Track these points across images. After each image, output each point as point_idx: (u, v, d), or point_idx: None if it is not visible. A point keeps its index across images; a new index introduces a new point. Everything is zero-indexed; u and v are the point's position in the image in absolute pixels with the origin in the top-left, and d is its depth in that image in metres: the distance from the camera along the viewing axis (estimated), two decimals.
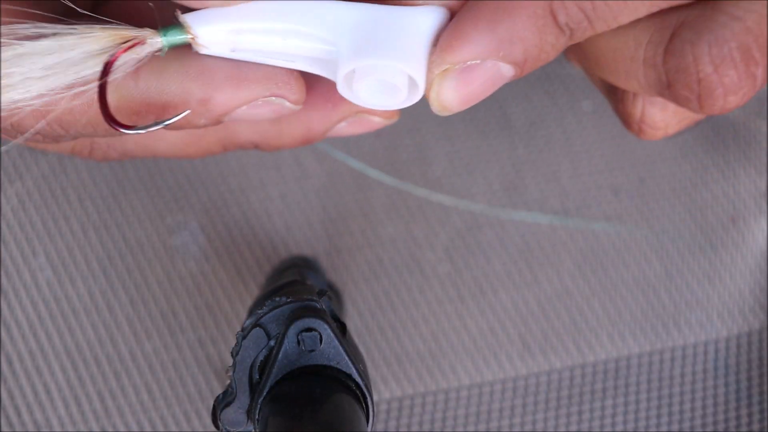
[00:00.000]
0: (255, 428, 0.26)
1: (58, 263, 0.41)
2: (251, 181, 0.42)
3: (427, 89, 0.26)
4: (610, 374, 0.42)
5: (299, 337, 0.26)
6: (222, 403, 0.27)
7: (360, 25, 0.26)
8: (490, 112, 0.44)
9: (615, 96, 0.33)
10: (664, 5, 0.25)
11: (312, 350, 0.26)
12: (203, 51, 0.26)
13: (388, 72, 0.26)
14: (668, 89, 0.27)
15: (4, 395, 0.39)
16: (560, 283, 0.42)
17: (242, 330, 0.27)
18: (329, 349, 0.26)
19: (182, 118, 0.26)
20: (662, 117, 0.32)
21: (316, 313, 0.26)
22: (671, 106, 0.31)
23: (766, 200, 0.44)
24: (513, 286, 0.42)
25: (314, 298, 0.27)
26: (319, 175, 0.42)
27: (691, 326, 0.42)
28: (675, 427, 0.41)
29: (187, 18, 0.26)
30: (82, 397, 0.40)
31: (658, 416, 0.41)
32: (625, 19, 0.25)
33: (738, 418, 0.41)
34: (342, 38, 0.26)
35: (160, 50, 0.26)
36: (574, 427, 0.41)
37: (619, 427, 0.41)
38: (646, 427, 0.41)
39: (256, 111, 0.27)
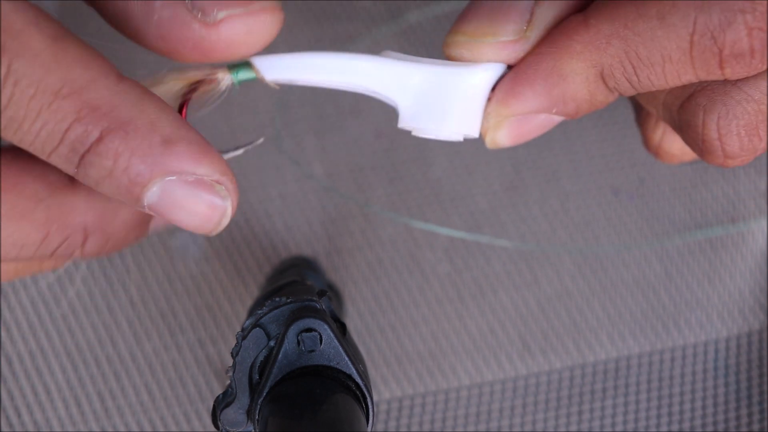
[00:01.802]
0: (255, 429, 0.26)
1: None
2: (251, 181, 0.42)
3: (482, 132, 0.29)
4: (610, 374, 0.42)
5: (299, 337, 0.26)
6: (222, 403, 0.27)
7: (419, 85, 0.28)
8: None
9: (639, 115, 0.35)
10: (698, 79, 0.27)
11: (312, 350, 0.26)
12: (269, 83, 0.28)
13: (445, 134, 0.28)
14: (679, 131, 0.29)
15: (4, 396, 0.39)
16: (560, 283, 0.42)
17: (242, 330, 0.27)
18: (329, 350, 0.26)
19: None
20: (680, 147, 0.34)
21: (316, 314, 0.26)
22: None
23: (766, 200, 0.44)
24: (513, 286, 0.42)
25: (314, 298, 0.27)
26: (318, 175, 0.42)
27: (691, 326, 0.42)
28: (675, 427, 0.41)
29: (255, 62, 0.28)
30: (82, 397, 0.40)
31: (658, 416, 0.41)
32: (665, 87, 0.27)
33: (738, 418, 0.41)
34: (401, 97, 0.28)
35: (231, 86, 0.28)
36: (574, 427, 0.41)
37: (619, 427, 0.41)
38: (646, 427, 0.41)
39: None
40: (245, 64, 0.28)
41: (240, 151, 0.29)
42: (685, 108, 0.28)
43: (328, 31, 0.44)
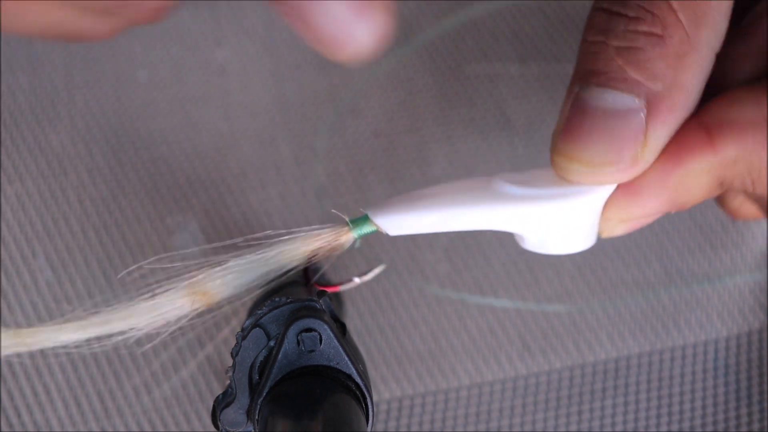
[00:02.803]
0: (255, 429, 0.26)
1: (58, 264, 0.41)
2: (251, 181, 0.42)
3: (599, 230, 0.30)
4: (610, 374, 0.42)
5: (299, 337, 0.26)
6: (222, 403, 0.27)
7: (544, 219, 0.28)
8: (490, 113, 0.44)
9: None
10: None
11: (312, 350, 0.26)
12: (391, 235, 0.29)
13: (568, 252, 0.29)
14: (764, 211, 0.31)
15: (4, 396, 0.39)
16: (560, 283, 0.42)
17: (242, 330, 0.27)
18: (329, 350, 0.26)
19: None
20: (754, 212, 0.35)
21: (316, 314, 0.26)
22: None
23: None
24: (513, 286, 0.42)
25: (314, 298, 0.27)
26: (318, 175, 0.42)
27: (691, 326, 0.42)
28: (675, 427, 0.41)
29: (376, 220, 0.28)
30: (82, 397, 0.40)
31: (658, 416, 0.41)
32: None
33: (738, 418, 0.41)
34: (523, 230, 0.29)
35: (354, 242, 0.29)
36: (574, 427, 0.41)
37: (619, 427, 0.41)
38: (646, 427, 0.41)
39: None
40: (365, 219, 0.28)
41: (368, 277, 0.31)
42: None
43: None
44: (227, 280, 0.28)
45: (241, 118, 0.43)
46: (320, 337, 0.26)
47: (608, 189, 0.28)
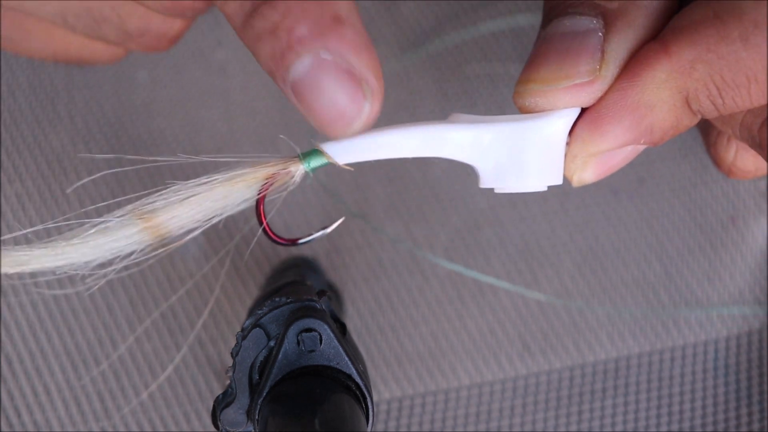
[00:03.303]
0: (255, 428, 0.26)
1: None
2: None
3: (567, 173, 0.28)
4: (610, 374, 0.42)
5: (299, 337, 0.26)
6: (222, 403, 0.27)
7: (496, 145, 0.27)
8: (490, 112, 0.44)
9: (708, 138, 0.35)
10: None
11: (312, 350, 0.26)
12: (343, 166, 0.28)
13: (529, 187, 0.28)
14: (759, 149, 0.29)
15: (4, 396, 0.39)
16: (560, 283, 0.42)
17: (242, 330, 0.27)
18: (329, 350, 0.26)
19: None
20: (754, 162, 0.34)
21: (316, 314, 0.26)
22: None
23: (766, 200, 0.44)
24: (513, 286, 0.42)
25: (314, 298, 0.27)
26: (318, 175, 0.42)
27: (691, 326, 0.42)
28: (675, 427, 0.41)
29: (325, 148, 0.27)
30: (82, 397, 0.40)
31: (658, 416, 0.41)
32: (750, 107, 0.27)
33: (738, 417, 0.41)
34: (479, 160, 0.27)
35: (305, 174, 0.28)
36: (574, 427, 0.41)
37: (619, 427, 0.41)
38: (646, 427, 0.41)
39: None
40: (315, 152, 0.27)
41: (328, 230, 0.29)
42: (766, 125, 0.28)
43: None
44: (175, 208, 0.27)
45: (241, 118, 0.43)
46: (320, 337, 0.26)
47: (567, 116, 0.27)
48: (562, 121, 0.27)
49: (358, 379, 0.26)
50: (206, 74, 0.44)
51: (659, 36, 0.27)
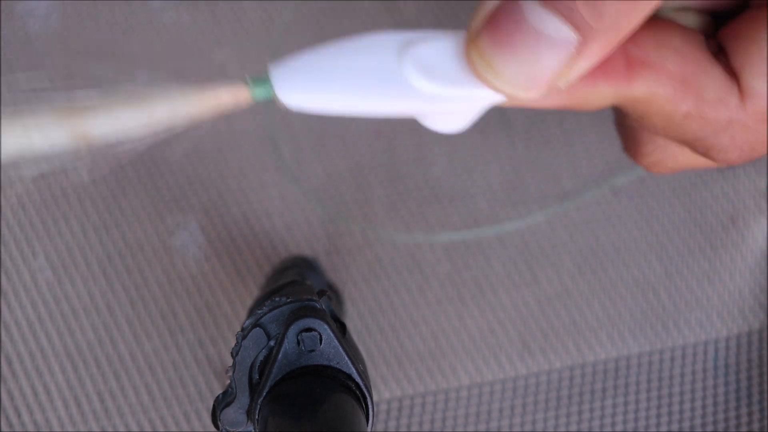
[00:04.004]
0: (255, 428, 0.26)
1: (58, 264, 0.41)
2: (251, 181, 0.42)
3: (473, 67, 0.26)
4: (610, 374, 0.42)
5: (299, 337, 0.26)
6: (222, 403, 0.27)
7: (440, 108, 0.27)
8: (490, 112, 0.44)
9: (624, 130, 0.33)
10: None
11: (312, 350, 0.26)
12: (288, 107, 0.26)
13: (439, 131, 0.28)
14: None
15: (4, 396, 0.39)
16: (560, 283, 0.42)
17: (242, 330, 0.27)
18: (329, 349, 0.26)
19: None
20: (673, 163, 0.32)
21: (316, 313, 0.26)
22: (687, 154, 0.32)
23: (766, 200, 0.44)
24: (513, 286, 0.42)
25: (314, 298, 0.27)
26: (319, 175, 0.42)
27: (691, 326, 0.42)
28: (675, 427, 0.41)
29: (277, 88, 0.25)
30: (82, 397, 0.40)
31: (658, 416, 0.41)
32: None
33: (738, 417, 0.41)
34: (421, 116, 0.27)
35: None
36: (574, 427, 0.41)
37: (619, 427, 0.41)
38: (646, 427, 0.41)
39: None
40: (267, 82, 0.25)
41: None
42: None
43: None
44: (106, 115, 0.26)
45: (241, 118, 0.43)
46: (320, 336, 0.26)
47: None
48: (498, 98, 0.26)
49: (358, 379, 0.26)
50: (206, 74, 0.44)
51: (629, 48, 0.26)
